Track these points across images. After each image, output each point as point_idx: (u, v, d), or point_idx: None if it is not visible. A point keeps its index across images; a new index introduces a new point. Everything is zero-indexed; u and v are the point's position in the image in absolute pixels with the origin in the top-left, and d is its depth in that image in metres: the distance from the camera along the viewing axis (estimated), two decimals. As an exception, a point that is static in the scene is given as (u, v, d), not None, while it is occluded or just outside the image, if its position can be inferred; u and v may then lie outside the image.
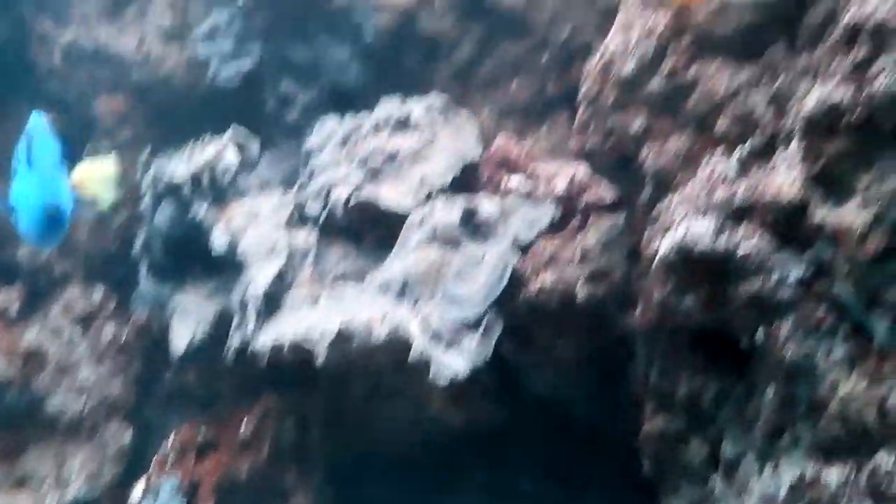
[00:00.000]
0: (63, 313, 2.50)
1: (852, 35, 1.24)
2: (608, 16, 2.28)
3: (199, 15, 2.46)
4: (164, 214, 2.07)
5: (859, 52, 1.22)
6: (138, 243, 2.19)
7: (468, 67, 2.58)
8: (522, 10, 2.45)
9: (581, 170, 1.94)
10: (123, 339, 2.45)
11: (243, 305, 1.94)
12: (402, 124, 2.19)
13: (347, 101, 2.53)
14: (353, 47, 2.48)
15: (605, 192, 1.88)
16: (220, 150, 2.10)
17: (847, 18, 1.25)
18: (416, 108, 2.22)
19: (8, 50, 2.50)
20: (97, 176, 1.36)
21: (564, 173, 2.02)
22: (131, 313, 2.42)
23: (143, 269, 2.20)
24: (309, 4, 2.40)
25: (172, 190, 2.05)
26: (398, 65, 2.59)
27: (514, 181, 2.11)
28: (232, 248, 2.02)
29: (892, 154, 1.22)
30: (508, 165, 2.15)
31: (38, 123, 1.41)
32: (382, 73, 2.56)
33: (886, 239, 1.22)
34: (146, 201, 2.14)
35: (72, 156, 1.51)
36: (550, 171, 2.08)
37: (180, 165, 2.07)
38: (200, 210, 2.03)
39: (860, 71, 1.22)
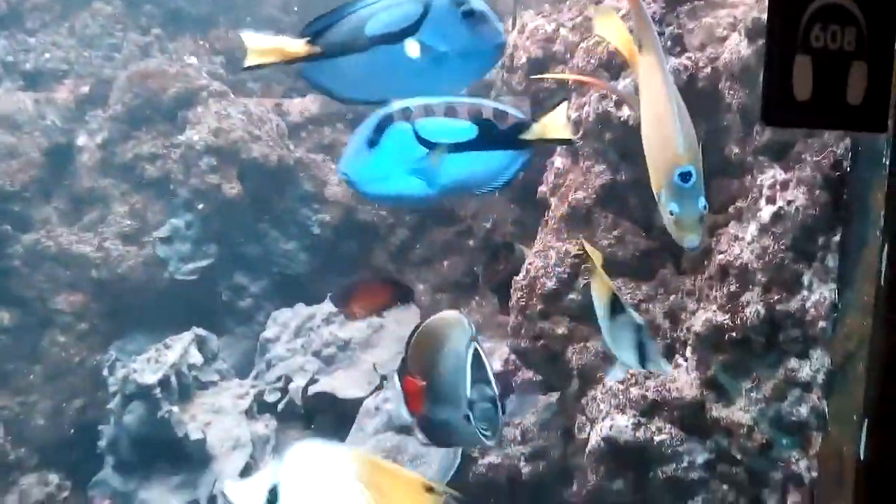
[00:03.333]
0: (19, 502, 2.55)
1: (724, 272, 1.60)
2: (523, 213, 2.67)
3: (157, 218, 2.69)
4: (134, 415, 2.21)
5: (731, 286, 1.57)
6: (104, 440, 2.31)
7: (403, 250, 2.89)
8: (448, 204, 2.80)
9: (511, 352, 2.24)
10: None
11: (212, 500, 2.08)
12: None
13: (295, 286, 2.78)
14: (300, 240, 2.76)
15: (534, 374, 2.17)
16: (184, 351, 2.29)
17: (720, 258, 1.61)
18: (363, 299, 2.48)
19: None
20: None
21: (498, 354, 2.32)
22: (91, 500, 2.49)
23: (108, 465, 2.31)
24: (260, 208, 2.68)
25: (142, 392, 2.21)
26: (340, 251, 2.87)
27: (454, 360, 2.38)
28: (199, 443, 2.18)
29: (763, 365, 1.55)
30: (447, 345, 2.42)
31: None
32: (326, 259, 2.84)
33: (768, 434, 1.53)
34: (115, 401, 2.28)
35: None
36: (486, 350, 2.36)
37: (147, 367, 2.24)
38: (169, 409, 2.19)
39: (734, 300, 1.57)
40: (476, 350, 1.32)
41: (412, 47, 1.17)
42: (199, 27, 3.04)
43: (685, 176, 1.08)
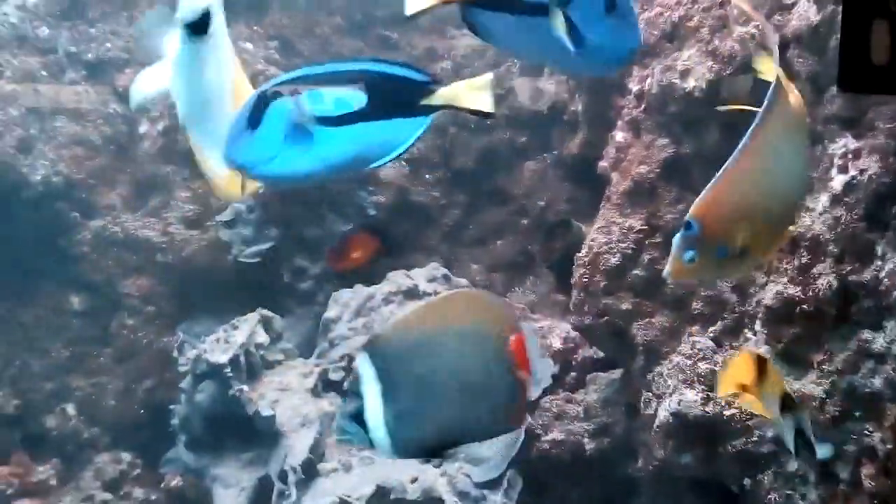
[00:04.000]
0: (94, 479, 2.66)
1: (794, 244, 1.58)
2: (577, 190, 2.67)
3: (218, 203, 2.74)
4: (206, 393, 2.28)
5: (802, 258, 1.56)
6: (176, 419, 2.39)
7: (456, 230, 2.91)
8: (502, 184, 2.82)
9: (570, 328, 2.25)
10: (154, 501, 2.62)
11: (283, 475, 2.14)
12: (410, 294, 2.48)
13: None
14: (356, 221, 2.80)
15: (595, 351, 2.18)
16: (251, 331, 2.35)
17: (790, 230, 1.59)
18: (421, 278, 2.51)
19: (42, 239, 2.74)
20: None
21: (557, 331, 2.33)
22: (163, 477, 2.59)
23: (181, 443, 2.39)
24: (318, 191, 2.72)
25: (213, 371, 2.27)
26: (394, 232, 2.90)
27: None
28: (269, 420, 2.23)
29: (836, 337, 1.53)
30: (506, 323, 2.44)
31: None
32: (381, 241, 2.87)
33: (841, 406, 1.52)
34: (186, 381, 2.35)
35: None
36: (543, 328, 2.38)
37: (217, 347, 2.30)
38: (239, 388, 2.25)
39: (805, 273, 1.56)
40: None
41: (558, 20, 1.10)
42: (252, 13, 3.07)
43: (687, 224, 1.06)
